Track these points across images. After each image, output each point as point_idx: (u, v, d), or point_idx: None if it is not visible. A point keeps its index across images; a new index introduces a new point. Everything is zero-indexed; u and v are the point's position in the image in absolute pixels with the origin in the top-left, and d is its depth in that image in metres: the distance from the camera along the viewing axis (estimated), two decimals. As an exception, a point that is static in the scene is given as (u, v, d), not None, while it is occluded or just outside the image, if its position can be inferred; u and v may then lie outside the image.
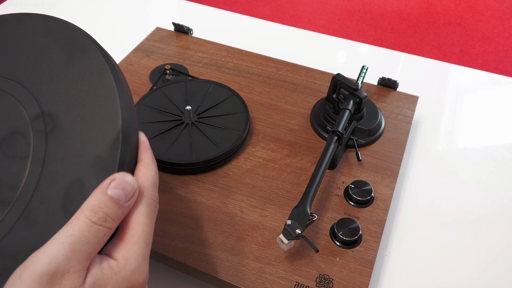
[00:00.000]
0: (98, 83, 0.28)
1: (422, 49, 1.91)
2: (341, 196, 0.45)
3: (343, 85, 0.49)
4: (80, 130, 0.27)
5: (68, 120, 0.27)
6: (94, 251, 0.22)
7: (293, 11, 2.15)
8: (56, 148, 0.27)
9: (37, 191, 0.26)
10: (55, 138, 0.27)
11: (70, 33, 0.30)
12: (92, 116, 0.27)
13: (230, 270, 0.39)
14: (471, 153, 0.55)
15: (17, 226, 0.26)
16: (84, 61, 0.29)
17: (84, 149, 0.26)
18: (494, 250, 0.45)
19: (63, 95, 0.28)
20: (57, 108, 0.28)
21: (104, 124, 0.26)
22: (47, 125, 0.27)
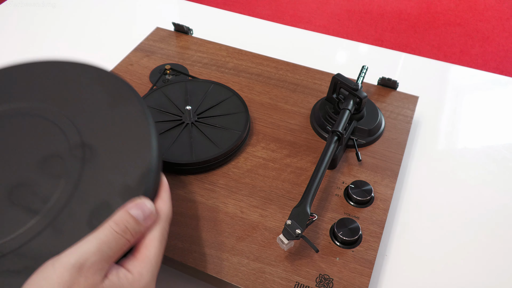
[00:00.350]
0: (136, 126, 0.34)
1: (422, 49, 1.91)
2: (341, 196, 0.45)
3: (343, 85, 0.49)
4: (113, 162, 0.32)
5: (104, 152, 0.33)
6: (114, 255, 0.26)
7: (293, 11, 2.15)
8: (91, 173, 0.32)
9: (68, 206, 0.30)
10: (90, 165, 0.32)
11: (117, 82, 0.37)
12: (127, 152, 0.32)
13: (230, 270, 0.39)
14: (471, 153, 0.55)
15: (44, 232, 0.29)
16: (126, 107, 0.35)
17: (116, 177, 0.31)
18: (494, 250, 0.45)
19: (103, 131, 0.34)
20: (96, 140, 0.33)
21: (137, 160, 0.32)
22: (86, 153, 0.33)
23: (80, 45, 0.73)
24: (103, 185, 0.31)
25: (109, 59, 0.64)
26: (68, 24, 0.78)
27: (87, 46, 0.73)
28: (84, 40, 0.74)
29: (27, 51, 0.72)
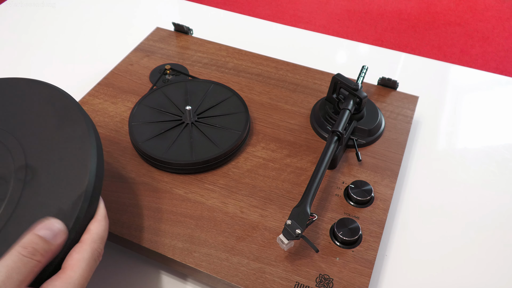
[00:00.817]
0: (77, 149, 0.34)
1: (422, 49, 1.91)
2: (341, 196, 0.45)
3: (343, 85, 0.49)
4: (52, 184, 0.32)
5: (45, 174, 0.33)
6: (26, 279, 0.26)
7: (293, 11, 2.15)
8: (29, 196, 0.32)
9: (3, 230, 0.30)
10: (30, 187, 0.32)
11: (67, 104, 0.37)
12: (65, 175, 0.32)
13: (230, 270, 0.39)
14: (471, 153, 0.55)
15: None
16: (72, 128, 0.35)
17: (51, 201, 0.31)
18: (494, 250, 0.45)
19: (47, 152, 0.34)
20: (39, 162, 0.34)
21: (73, 184, 0.32)
22: (27, 176, 0.33)
23: (80, 45, 0.73)
24: (39, 208, 0.31)
25: (109, 59, 0.64)
26: (67, 24, 0.78)
27: (87, 46, 0.73)
28: (84, 40, 0.74)
29: (27, 51, 0.72)
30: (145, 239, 0.41)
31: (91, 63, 0.68)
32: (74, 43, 0.73)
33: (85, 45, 0.73)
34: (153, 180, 0.46)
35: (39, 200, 0.32)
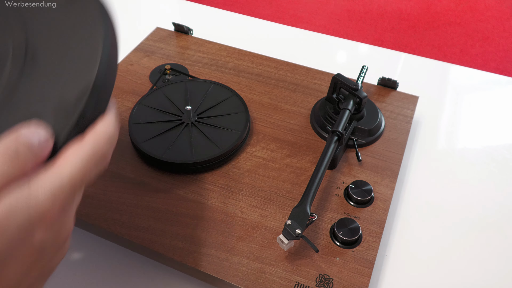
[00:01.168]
0: (87, 33, 0.27)
1: (422, 49, 1.91)
2: (341, 196, 0.45)
3: (343, 85, 0.49)
4: (55, 70, 0.26)
5: (48, 56, 0.27)
6: None
7: (293, 11, 2.15)
8: (28, 81, 0.27)
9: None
10: (30, 70, 0.27)
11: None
12: (71, 61, 0.26)
13: (230, 270, 0.39)
14: (471, 153, 0.55)
15: None
16: (83, 9, 0.28)
17: (53, 90, 0.26)
18: (495, 250, 0.45)
19: (52, 32, 0.28)
20: (42, 41, 0.28)
21: (79, 73, 0.26)
22: (28, 54, 0.27)
23: (80, 45, 0.73)
24: (38, 97, 0.26)
25: (109, 59, 0.64)
26: (68, 24, 0.78)
27: (87, 46, 0.73)
28: (84, 40, 0.74)
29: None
30: (145, 239, 0.41)
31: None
32: (74, 43, 0.73)
33: (85, 45, 0.73)
34: (153, 180, 0.46)
35: (40, 87, 0.26)
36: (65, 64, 0.26)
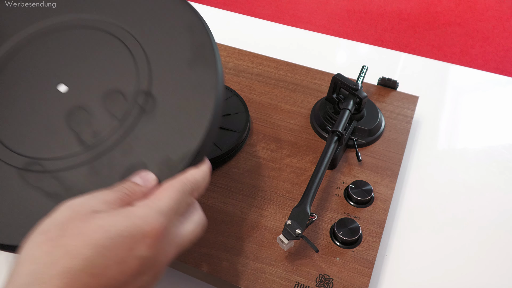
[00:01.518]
0: (199, 100, 0.32)
1: (422, 49, 1.91)
2: (341, 196, 0.45)
3: (343, 85, 0.49)
4: (166, 128, 0.31)
5: (163, 112, 0.31)
6: (113, 200, 0.27)
7: (293, 11, 2.15)
8: (143, 127, 0.31)
9: (111, 152, 0.31)
10: (147, 119, 0.31)
11: (206, 41, 0.34)
12: (182, 122, 0.31)
13: (230, 270, 0.39)
14: (471, 153, 0.55)
15: (82, 168, 0.30)
16: (203, 73, 0.33)
17: (162, 145, 0.30)
18: (495, 250, 0.45)
19: (171, 88, 0.32)
20: (161, 95, 0.32)
21: (186, 137, 0.30)
22: (148, 105, 0.32)
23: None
24: (147, 147, 0.30)
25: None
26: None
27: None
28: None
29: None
30: (145, 239, 0.41)
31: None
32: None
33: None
34: (153, 180, 0.46)
35: (151, 137, 0.31)
36: (176, 123, 0.31)
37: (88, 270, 0.23)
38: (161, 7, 0.36)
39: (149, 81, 0.33)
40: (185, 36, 0.34)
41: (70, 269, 0.22)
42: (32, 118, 0.33)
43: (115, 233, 0.24)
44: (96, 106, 0.32)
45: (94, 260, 0.23)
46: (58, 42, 0.36)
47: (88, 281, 0.23)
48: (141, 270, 0.25)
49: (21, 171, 0.31)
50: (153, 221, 0.25)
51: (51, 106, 0.33)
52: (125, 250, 0.24)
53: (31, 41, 0.36)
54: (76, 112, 0.32)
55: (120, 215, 0.25)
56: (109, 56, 0.34)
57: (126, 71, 0.33)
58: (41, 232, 0.24)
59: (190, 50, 0.34)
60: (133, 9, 0.36)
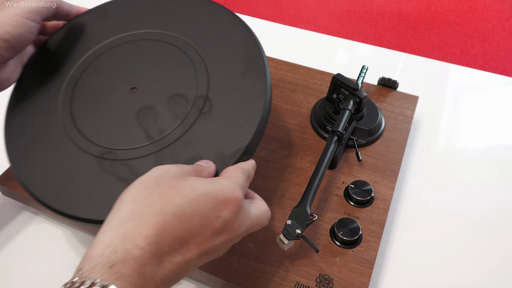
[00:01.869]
0: (251, 105, 0.37)
1: (422, 49, 1.91)
2: (341, 196, 0.45)
3: (343, 85, 0.49)
4: (220, 127, 0.36)
5: (218, 113, 0.37)
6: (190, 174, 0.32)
7: (293, 11, 2.15)
8: (201, 126, 0.37)
9: (172, 145, 0.36)
10: (204, 119, 0.37)
11: (257, 54, 0.39)
12: (233, 124, 0.36)
13: (230, 270, 0.39)
14: (471, 153, 0.55)
15: (148, 157, 0.36)
16: (254, 83, 0.38)
17: (216, 141, 0.36)
18: (494, 250, 0.45)
19: (226, 94, 0.38)
20: (217, 100, 0.38)
21: (237, 135, 0.36)
22: (205, 107, 0.37)
23: (80, 45, 0.73)
24: (204, 142, 0.36)
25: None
26: (68, 24, 0.78)
27: (87, 46, 0.73)
28: (84, 40, 0.74)
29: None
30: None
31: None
32: (74, 43, 0.73)
33: (85, 45, 0.73)
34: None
35: (207, 135, 0.36)
36: (229, 123, 0.36)
37: (178, 215, 0.27)
38: (220, 25, 0.42)
39: (207, 87, 0.38)
40: (239, 50, 0.40)
41: (163, 211, 0.27)
42: (108, 115, 0.39)
43: (203, 191, 0.28)
44: (162, 107, 0.38)
45: (183, 208, 0.27)
46: (133, 51, 0.42)
47: (176, 223, 0.27)
48: (219, 230, 0.29)
49: (98, 158, 0.37)
50: (234, 191, 0.30)
51: (124, 105, 0.39)
52: (209, 207, 0.28)
53: (112, 49, 0.43)
54: (145, 111, 0.38)
55: (207, 180, 0.30)
56: (174, 65, 0.40)
57: (188, 78, 0.39)
58: (141, 182, 0.29)
59: (243, 62, 0.39)
60: (197, 26, 0.42)
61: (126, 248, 0.25)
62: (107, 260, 0.24)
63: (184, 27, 0.42)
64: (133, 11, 0.45)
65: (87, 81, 0.41)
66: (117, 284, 0.24)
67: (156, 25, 0.43)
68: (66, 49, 0.43)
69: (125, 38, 0.43)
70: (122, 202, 0.28)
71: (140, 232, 0.26)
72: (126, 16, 0.45)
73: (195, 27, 0.42)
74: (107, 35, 0.44)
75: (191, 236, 0.27)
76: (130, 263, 0.25)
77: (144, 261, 0.25)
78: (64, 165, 0.37)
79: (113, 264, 0.24)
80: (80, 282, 0.24)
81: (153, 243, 0.26)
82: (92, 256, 0.25)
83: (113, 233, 0.26)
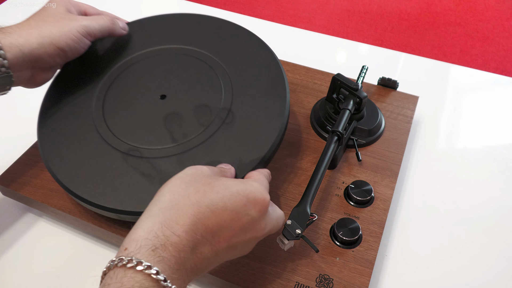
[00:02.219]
0: (270, 121, 0.41)
1: (422, 49, 1.91)
2: (341, 196, 0.45)
3: (343, 85, 0.49)
4: (241, 136, 0.40)
5: (239, 124, 0.41)
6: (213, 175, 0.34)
7: (293, 11, 2.15)
8: (222, 134, 0.40)
9: (194, 149, 0.40)
10: (226, 129, 0.41)
11: (279, 75, 0.44)
12: (253, 135, 0.40)
13: (230, 270, 0.39)
14: (471, 153, 0.55)
15: (171, 158, 0.39)
16: (274, 102, 0.42)
17: (235, 149, 0.39)
18: (494, 250, 0.45)
19: (248, 109, 0.42)
20: (239, 112, 0.42)
21: (256, 146, 0.39)
22: (227, 118, 0.41)
23: (80, 45, 0.73)
24: (224, 149, 0.39)
25: (109, 59, 0.64)
26: (68, 24, 0.78)
27: (87, 46, 0.73)
28: (84, 40, 0.74)
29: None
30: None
31: (91, 63, 0.68)
32: (74, 43, 0.73)
33: (85, 45, 0.73)
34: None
35: (227, 143, 0.40)
36: (249, 135, 0.40)
37: (211, 208, 0.30)
38: (248, 48, 0.47)
39: (231, 101, 0.43)
40: (263, 71, 0.45)
41: (199, 203, 0.29)
42: (137, 117, 0.43)
43: (235, 190, 0.31)
44: (188, 114, 0.42)
45: (217, 203, 0.30)
46: (167, 62, 0.47)
47: (209, 215, 0.29)
48: (247, 227, 0.31)
49: (124, 154, 0.40)
50: (264, 193, 0.33)
51: (153, 109, 0.43)
52: (240, 205, 0.31)
53: (148, 58, 0.48)
54: (172, 117, 0.42)
55: (238, 181, 0.33)
56: (203, 79, 0.45)
57: (215, 92, 0.43)
58: (179, 178, 0.32)
59: (266, 82, 0.44)
60: (227, 47, 0.47)
61: (165, 234, 0.27)
62: (151, 243, 0.27)
63: (216, 47, 0.47)
64: (173, 27, 0.51)
65: (122, 84, 0.46)
66: (158, 266, 0.26)
67: (191, 43, 0.48)
68: (106, 53, 0.49)
69: (162, 50, 0.48)
70: (162, 193, 0.31)
71: (177, 221, 0.28)
72: (165, 31, 0.50)
73: (225, 48, 0.47)
74: (146, 45, 0.49)
75: (222, 229, 0.30)
76: (169, 249, 0.27)
77: (181, 247, 0.28)
78: (92, 159, 0.40)
79: (156, 248, 0.27)
80: (127, 259, 0.26)
81: (189, 231, 0.28)
82: (137, 239, 0.27)
83: (154, 220, 0.28)
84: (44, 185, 0.45)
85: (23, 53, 0.38)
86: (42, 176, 0.46)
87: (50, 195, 0.45)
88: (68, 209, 0.43)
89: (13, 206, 0.49)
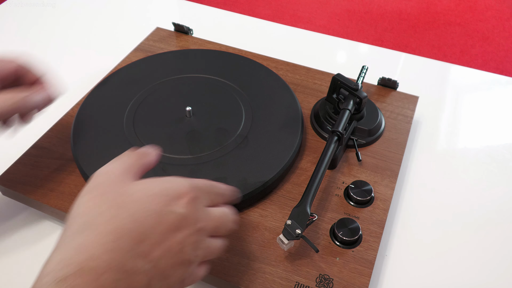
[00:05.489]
0: (280, 152, 0.46)
1: (422, 49, 1.91)
2: (341, 196, 0.45)
3: (343, 85, 0.49)
4: (250, 161, 0.45)
5: (251, 150, 0.46)
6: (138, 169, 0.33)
7: (293, 11, 2.15)
8: (234, 156, 0.45)
9: (206, 164, 0.45)
10: (238, 151, 0.46)
11: (297, 115, 0.50)
12: (261, 162, 0.45)
13: (230, 270, 0.39)
14: (471, 153, 0.55)
15: (184, 167, 0.44)
16: (289, 136, 0.47)
17: (243, 171, 0.44)
18: (495, 250, 0.45)
19: (262, 139, 0.47)
20: (253, 140, 0.47)
21: (261, 172, 0.44)
22: (242, 144, 0.47)
23: (80, 45, 0.73)
24: (232, 169, 0.44)
25: (109, 59, 0.64)
26: (68, 24, 0.78)
27: (87, 46, 0.73)
28: (84, 40, 0.74)
29: (26, 51, 0.72)
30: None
31: (91, 63, 0.68)
32: (74, 43, 0.73)
33: (84, 45, 0.73)
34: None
35: (236, 164, 0.45)
36: (258, 160, 0.45)
37: (131, 218, 0.27)
38: (273, 88, 0.54)
39: (248, 130, 0.48)
40: (283, 110, 0.51)
41: (116, 216, 0.27)
42: (162, 128, 0.48)
43: (153, 192, 0.29)
44: (207, 133, 0.48)
45: (136, 212, 0.28)
46: (198, 89, 0.54)
47: (131, 227, 0.27)
48: (176, 225, 0.28)
49: None
50: (186, 186, 0.30)
51: (178, 125, 0.48)
52: (162, 205, 0.28)
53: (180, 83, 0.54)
54: (193, 133, 0.48)
55: (157, 180, 0.30)
56: (228, 107, 0.51)
57: (236, 119, 0.49)
58: (88, 192, 0.29)
59: (283, 120, 0.49)
60: (255, 85, 0.54)
61: (79, 261, 0.25)
62: (58, 275, 0.24)
63: (246, 83, 0.54)
64: (214, 61, 0.57)
65: (153, 99, 0.52)
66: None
67: (225, 76, 0.55)
68: (144, 72, 0.56)
69: (199, 78, 0.55)
70: (72, 217, 0.28)
71: (96, 241, 0.26)
72: (207, 63, 0.57)
73: (254, 85, 0.54)
74: (180, 72, 0.56)
75: (149, 235, 0.27)
76: (85, 274, 0.24)
77: (101, 271, 0.25)
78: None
79: (65, 277, 0.24)
80: None
81: (111, 250, 0.25)
82: (42, 274, 0.25)
83: (65, 248, 0.26)
84: (43, 185, 0.45)
85: None
86: (42, 176, 0.46)
87: (50, 195, 0.45)
88: (68, 209, 0.43)
89: (13, 206, 0.49)
